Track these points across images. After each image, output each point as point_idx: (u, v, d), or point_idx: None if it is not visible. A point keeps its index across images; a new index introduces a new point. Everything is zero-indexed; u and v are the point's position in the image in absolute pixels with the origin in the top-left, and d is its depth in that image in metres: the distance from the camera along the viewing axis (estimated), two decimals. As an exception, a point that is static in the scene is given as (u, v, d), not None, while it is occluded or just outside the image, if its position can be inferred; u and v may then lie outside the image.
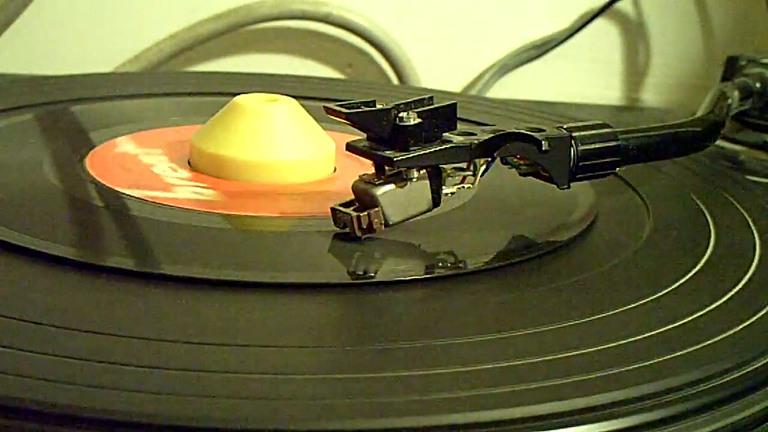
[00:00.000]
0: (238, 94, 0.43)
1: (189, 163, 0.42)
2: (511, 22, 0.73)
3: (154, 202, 0.38)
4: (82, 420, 0.24)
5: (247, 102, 0.42)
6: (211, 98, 0.52)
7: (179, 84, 0.58)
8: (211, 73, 0.67)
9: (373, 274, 0.34)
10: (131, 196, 0.38)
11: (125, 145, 0.45)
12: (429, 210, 0.36)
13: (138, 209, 0.37)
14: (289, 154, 0.41)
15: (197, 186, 0.40)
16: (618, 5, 0.73)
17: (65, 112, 0.50)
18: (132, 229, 0.37)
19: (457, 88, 0.72)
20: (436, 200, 0.36)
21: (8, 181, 0.40)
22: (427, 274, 0.34)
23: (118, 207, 0.38)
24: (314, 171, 0.42)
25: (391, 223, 0.35)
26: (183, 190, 0.40)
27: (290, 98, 0.43)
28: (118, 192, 0.39)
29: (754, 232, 0.40)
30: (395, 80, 0.71)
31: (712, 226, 0.40)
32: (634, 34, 0.75)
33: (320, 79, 0.66)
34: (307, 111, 0.43)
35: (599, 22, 0.73)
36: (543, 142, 0.35)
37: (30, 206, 0.38)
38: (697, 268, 0.36)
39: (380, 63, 0.71)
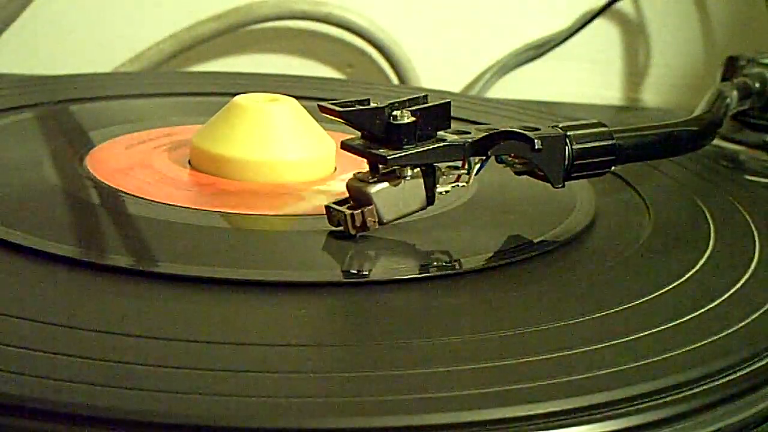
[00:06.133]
0: (238, 94, 0.43)
1: (189, 162, 0.42)
2: (511, 22, 0.73)
3: (154, 202, 0.38)
4: (82, 419, 0.24)
5: (247, 102, 0.42)
6: (211, 98, 0.52)
7: (179, 84, 0.58)
8: (211, 73, 0.67)
9: (367, 273, 0.34)
10: (131, 196, 0.38)
11: (125, 144, 0.45)
12: (423, 208, 0.36)
13: (138, 209, 0.37)
14: (289, 154, 0.41)
15: (197, 186, 0.40)
16: (618, 5, 0.73)
17: (65, 112, 0.50)
18: (131, 228, 0.37)
19: (457, 88, 0.72)
20: (431, 199, 0.36)
21: (8, 181, 0.40)
22: (424, 273, 0.34)
23: (117, 206, 0.38)
24: (314, 171, 0.42)
25: (385, 221, 0.35)
26: (183, 189, 0.40)
27: (290, 98, 0.43)
28: (118, 191, 0.39)
29: (754, 231, 0.40)
30: (395, 80, 0.71)
31: (711, 226, 0.40)
32: (634, 34, 0.75)
33: (320, 79, 0.66)
34: (307, 111, 0.43)
35: (599, 22, 0.73)
36: (536, 141, 0.35)
37: (30, 205, 0.38)
38: (697, 267, 0.36)
39: (380, 63, 0.71)
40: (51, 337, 0.27)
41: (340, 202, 0.36)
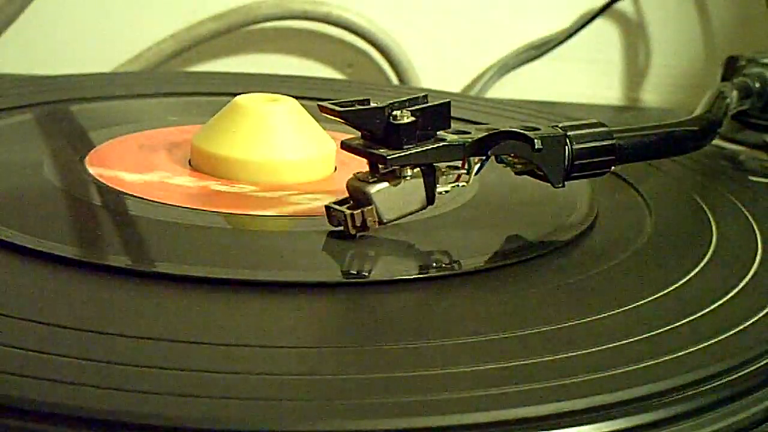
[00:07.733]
0: (238, 94, 0.43)
1: (189, 163, 0.42)
2: (511, 22, 0.73)
3: (154, 202, 0.38)
4: (80, 420, 0.24)
5: (248, 102, 0.42)
6: (211, 98, 0.52)
7: (179, 84, 0.58)
8: (211, 73, 0.67)
9: (367, 273, 0.34)
10: (131, 196, 0.38)
11: (125, 145, 0.45)
12: (423, 208, 0.36)
13: (138, 209, 0.37)
14: (289, 154, 0.41)
15: (197, 186, 0.40)
16: (618, 5, 0.73)
17: (65, 112, 0.50)
18: (132, 228, 0.37)
19: (457, 88, 0.72)
20: (431, 198, 0.36)
21: (8, 181, 0.40)
22: (424, 273, 0.34)
23: (118, 206, 0.38)
24: (314, 171, 0.42)
25: (385, 220, 0.35)
26: (183, 189, 0.40)
27: (290, 98, 0.43)
28: (118, 191, 0.39)
29: (756, 232, 0.40)
30: (395, 80, 0.71)
31: (713, 226, 0.40)
32: (634, 34, 0.75)
33: (320, 79, 0.66)
34: (307, 111, 0.43)
35: (599, 22, 0.73)
36: (536, 141, 0.35)
37: (30, 206, 0.38)
38: (699, 268, 0.36)
39: (380, 63, 0.71)
40: (50, 338, 0.27)
41: (340, 202, 0.36)
